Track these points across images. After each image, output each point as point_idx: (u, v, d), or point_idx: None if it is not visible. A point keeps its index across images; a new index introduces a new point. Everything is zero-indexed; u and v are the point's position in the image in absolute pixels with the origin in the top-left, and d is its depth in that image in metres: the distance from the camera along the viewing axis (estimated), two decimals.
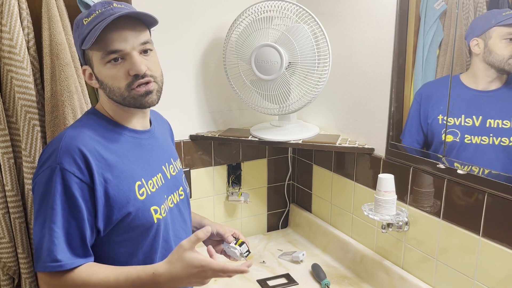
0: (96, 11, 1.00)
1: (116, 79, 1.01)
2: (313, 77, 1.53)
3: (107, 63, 1.00)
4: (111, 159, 1.01)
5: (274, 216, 2.06)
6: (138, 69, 0.99)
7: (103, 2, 1.02)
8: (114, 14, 0.98)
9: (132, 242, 1.04)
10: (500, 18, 1.14)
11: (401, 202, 1.45)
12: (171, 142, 1.30)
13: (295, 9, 1.52)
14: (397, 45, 1.41)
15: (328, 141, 1.62)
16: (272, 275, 1.64)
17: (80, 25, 1.01)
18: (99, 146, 1.01)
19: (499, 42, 1.15)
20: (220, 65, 1.76)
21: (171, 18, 1.66)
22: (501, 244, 1.17)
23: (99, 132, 1.04)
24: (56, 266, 0.95)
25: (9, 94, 1.31)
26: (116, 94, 1.02)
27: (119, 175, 1.01)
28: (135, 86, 1.01)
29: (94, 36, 0.96)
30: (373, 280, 1.57)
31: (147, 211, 1.04)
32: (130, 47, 0.99)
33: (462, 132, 1.24)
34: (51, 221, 0.95)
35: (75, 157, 0.97)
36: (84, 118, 1.09)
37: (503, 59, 1.15)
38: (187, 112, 1.78)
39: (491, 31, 1.16)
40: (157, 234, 1.07)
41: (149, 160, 1.10)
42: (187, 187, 1.26)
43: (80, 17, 1.03)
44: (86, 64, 1.05)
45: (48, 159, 0.98)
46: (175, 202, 1.16)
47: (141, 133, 1.11)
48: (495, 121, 1.17)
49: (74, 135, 1.00)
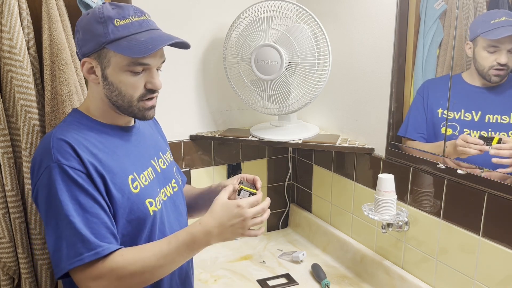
0: (131, 17, 1.01)
1: (133, 87, 1.03)
2: (313, 77, 1.53)
3: (128, 70, 1.01)
4: (100, 155, 1.02)
5: (274, 216, 2.06)
6: (157, 85, 1.06)
7: (135, 9, 1.03)
8: (154, 29, 1.03)
9: (130, 236, 1.05)
10: (486, 27, 1.14)
11: (401, 202, 1.45)
12: (159, 135, 1.31)
13: (295, 9, 1.52)
14: (397, 45, 1.41)
15: (328, 141, 1.62)
16: (272, 275, 1.64)
17: (110, 23, 0.99)
18: (86, 142, 1.02)
19: (482, 51, 1.17)
20: (220, 65, 1.76)
21: (171, 18, 1.66)
22: (501, 244, 1.17)
23: (84, 131, 1.04)
24: (93, 254, 0.93)
25: (9, 94, 1.31)
26: (125, 100, 1.04)
27: (111, 170, 1.02)
28: (146, 98, 1.05)
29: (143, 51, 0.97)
30: (373, 280, 1.57)
31: (142, 204, 1.05)
32: (155, 64, 1.04)
33: (461, 126, 1.25)
34: (66, 216, 0.93)
35: (69, 151, 0.97)
36: (68, 118, 1.09)
37: (484, 69, 1.17)
38: (187, 112, 1.78)
39: (477, 39, 1.17)
40: (153, 226, 1.08)
41: (137, 155, 1.11)
42: (180, 179, 1.26)
43: (109, 13, 1.00)
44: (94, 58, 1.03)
45: (43, 160, 0.98)
46: (169, 195, 1.17)
47: (126, 130, 1.12)
48: (494, 116, 1.17)
49: (61, 133, 1.01)
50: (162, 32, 1.04)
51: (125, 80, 1.02)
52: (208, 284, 1.61)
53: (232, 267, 1.71)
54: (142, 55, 0.97)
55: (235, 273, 1.68)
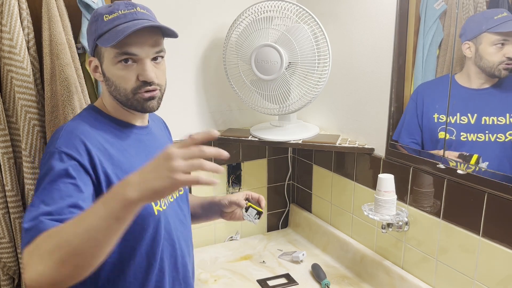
0: (120, 11, 1.01)
1: (124, 80, 1.03)
2: (313, 77, 1.53)
3: (118, 62, 1.01)
4: (111, 150, 1.02)
5: (274, 216, 2.06)
6: (149, 77, 1.02)
7: (127, 3, 1.04)
8: (137, 19, 1.00)
9: (134, 235, 1.04)
10: (491, 23, 1.13)
11: (401, 202, 1.45)
12: (168, 138, 1.32)
13: (295, 9, 1.52)
14: (397, 45, 1.41)
15: (328, 141, 1.62)
16: (272, 275, 1.64)
17: (100, 19, 1.02)
18: (99, 137, 1.02)
19: (489, 48, 1.15)
20: (220, 65, 1.76)
21: (171, 19, 1.66)
22: (501, 244, 1.17)
23: (98, 126, 1.05)
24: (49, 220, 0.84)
25: (9, 94, 1.31)
26: (121, 94, 1.04)
27: (120, 166, 1.02)
28: (142, 91, 1.04)
29: (115, 39, 0.96)
30: (373, 280, 1.57)
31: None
32: (144, 54, 1.02)
33: (457, 130, 1.25)
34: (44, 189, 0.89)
35: (75, 143, 0.97)
36: (84, 112, 1.10)
37: (493, 65, 1.15)
38: (187, 112, 1.78)
39: (481, 37, 1.16)
40: (158, 226, 1.08)
41: (148, 155, 1.11)
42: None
43: (101, 10, 1.03)
44: (95, 56, 1.07)
45: (49, 147, 0.99)
46: (175, 197, 1.17)
47: (140, 129, 1.13)
48: (490, 118, 1.17)
49: (74, 126, 1.02)
50: (144, 20, 1.01)
51: (117, 73, 1.02)
52: (208, 284, 1.61)
53: (232, 267, 1.71)
54: (111, 42, 0.97)
55: (235, 273, 1.68)
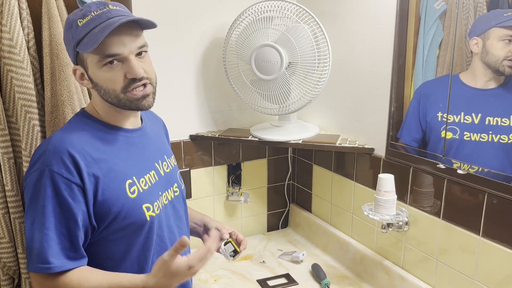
0: (92, 13, 0.99)
1: (112, 81, 1.01)
2: (313, 77, 1.53)
3: (103, 66, 1.00)
4: (101, 159, 1.02)
5: (274, 216, 2.06)
6: (136, 73, 1.00)
7: (97, 3, 1.01)
8: (112, 18, 0.98)
9: (126, 240, 1.05)
10: (501, 18, 1.14)
11: (401, 202, 1.45)
12: (165, 139, 1.31)
13: (295, 9, 1.52)
14: (397, 45, 1.41)
15: (328, 141, 1.62)
16: (272, 275, 1.64)
17: (74, 26, 1.00)
18: (88, 146, 1.01)
19: (497, 43, 1.16)
20: (220, 65, 1.76)
21: (171, 19, 1.66)
22: (501, 244, 1.17)
23: (88, 133, 1.04)
24: (46, 268, 0.95)
25: (9, 94, 1.31)
26: (112, 96, 1.03)
27: (109, 174, 1.02)
28: (131, 89, 1.02)
29: (94, 43, 0.95)
30: (373, 280, 1.57)
31: (139, 209, 1.04)
32: (128, 51, 1.00)
33: (461, 129, 1.25)
34: (42, 224, 0.95)
35: (63, 158, 0.97)
36: (74, 119, 1.09)
37: (498, 60, 1.16)
38: (187, 112, 1.78)
39: (490, 32, 1.16)
40: (150, 231, 1.07)
41: (140, 158, 1.11)
42: (182, 184, 1.26)
43: (73, 17, 1.01)
44: (78, 64, 1.04)
45: (37, 161, 0.99)
46: (170, 199, 1.16)
47: (131, 132, 1.12)
48: (494, 118, 1.17)
49: (62, 137, 1.01)
50: (119, 17, 0.98)
51: (103, 77, 1.01)
52: (208, 284, 1.61)
53: (232, 267, 1.71)
54: (91, 47, 0.95)
55: (235, 273, 1.68)
